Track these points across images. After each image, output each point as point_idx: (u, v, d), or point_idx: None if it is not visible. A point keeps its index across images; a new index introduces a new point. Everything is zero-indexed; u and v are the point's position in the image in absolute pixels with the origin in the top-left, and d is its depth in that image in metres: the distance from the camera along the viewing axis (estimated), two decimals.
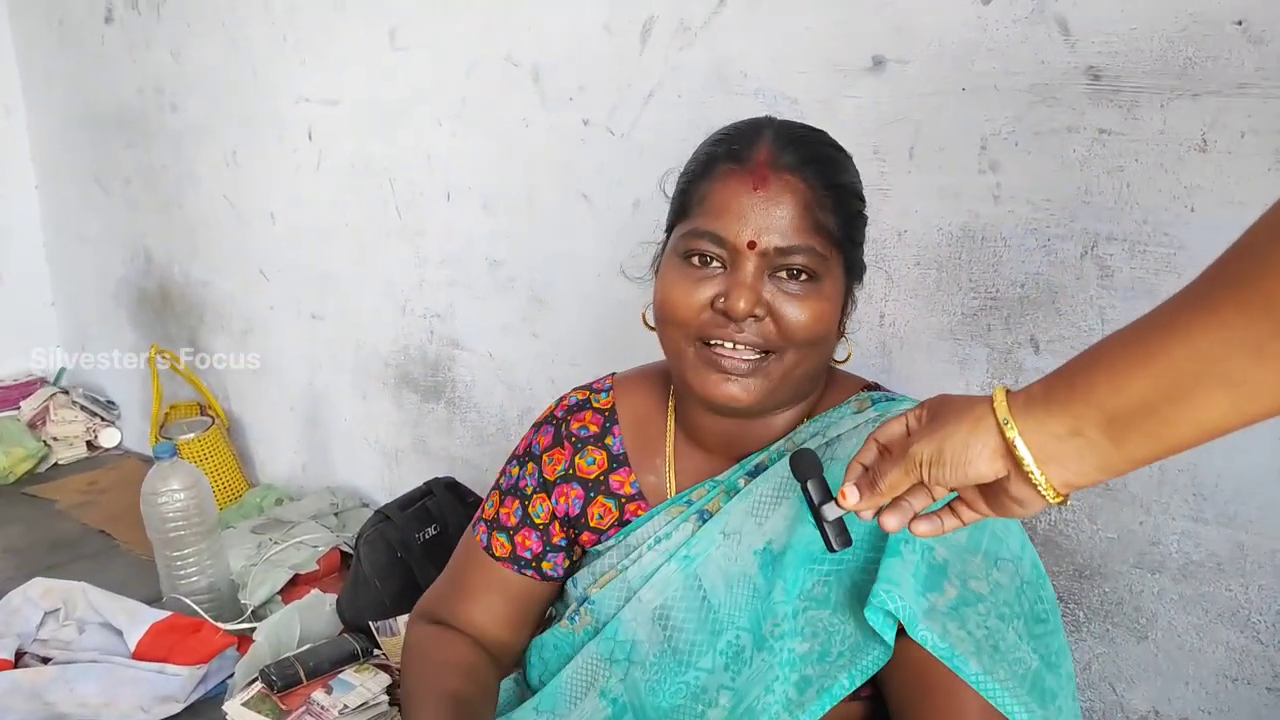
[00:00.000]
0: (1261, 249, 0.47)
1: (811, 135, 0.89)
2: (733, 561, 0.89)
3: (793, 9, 1.25)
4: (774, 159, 0.83)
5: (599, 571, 0.98)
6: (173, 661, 1.49)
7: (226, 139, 2.28)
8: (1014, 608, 0.78)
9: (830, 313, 0.85)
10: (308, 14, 1.96)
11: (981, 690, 0.74)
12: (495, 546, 1.04)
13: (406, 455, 2.07)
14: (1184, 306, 0.50)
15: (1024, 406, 0.57)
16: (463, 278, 1.82)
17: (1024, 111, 1.08)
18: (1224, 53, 0.95)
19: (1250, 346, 0.47)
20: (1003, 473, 0.59)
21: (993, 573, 0.79)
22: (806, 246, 0.82)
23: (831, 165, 0.87)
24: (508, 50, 1.61)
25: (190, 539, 1.65)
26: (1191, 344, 0.49)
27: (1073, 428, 0.55)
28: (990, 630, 0.76)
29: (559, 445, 1.03)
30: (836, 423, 0.91)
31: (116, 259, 2.80)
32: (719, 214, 0.83)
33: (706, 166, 0.87)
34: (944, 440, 0.60)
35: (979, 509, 0.64)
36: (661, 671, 0.90)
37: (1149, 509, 1.07)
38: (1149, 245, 1.03)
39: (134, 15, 2.44)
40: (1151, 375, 0.51)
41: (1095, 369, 0.54)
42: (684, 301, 0.85)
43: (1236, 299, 0.47)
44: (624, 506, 0.99)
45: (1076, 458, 0.55)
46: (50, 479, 2.58)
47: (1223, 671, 1.06)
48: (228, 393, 2.55)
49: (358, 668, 1.39)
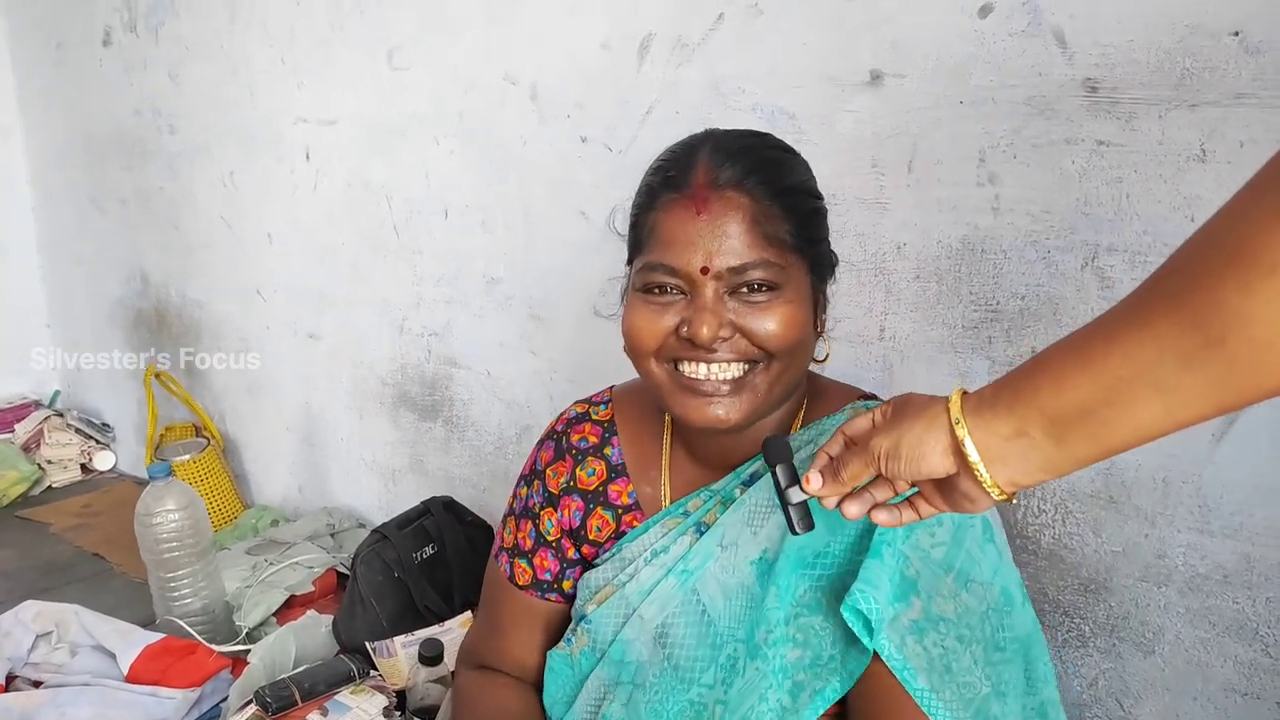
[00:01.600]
0: (1192, 265, 0.50)
1: (750, 143, 0.86)
2: (730, 573, 0.88)
3: (790, 25, 1.25)
4: (712, 179, 0.81)
5: (596, 587, 0.97)
6: (166, 684, 1.47)
7: (224, 160, 2.29)
8: (975, 632, 0.78)
9: (800, 315, 0.83)
10: (306, 35, 1.97)
11: (925, 707, 0.74)
12: (518, 575, 1.05)
13: (404, 475, 2.05)
14: (1122, 317, 0.54)
15: (975, 407, 0.61)
16: (460, 296, 1.82)
17: (1022, 124, 1.08)
18: (1221, 63, 0.95)
19: (1180, 356, 0.50)
20: (953, 469, 0.62)
21: (961, 594, 0.79)
22: (760, 260, 0.81)
23: (775, 169, 0.84)
24: (505, 69, 1.62)
25: (185, 560, 1.63)
26: (1127, 352, 0.52)
27: (1018, 429, 0.58)
28: (946, 650, 0.76)
29: (561, 459, 1.03)
30: (830, 430, 0.91)
31: (113, 280, 2.79)
32: (668, 245, 0.82)
33: (650, 198, 0.86)
34: (901, 435, 0.64)
35: (935, 504, 0.68)
36: (663, 691, 0.88)
37: (1154, 521, 1.06)
38: (1149, 256, 1.02)
39: (132, 38, 2.45)
40: (1091, 380, 0.54)
41: (1040, 373, 0.58)
42: (649, 330, 0.84)
43: (1168, 311, 0.50)
44: (620, 518, 0.98)
45: (1021, 457, 0.59)
46: (44, 502, 2.56)
47: (1231, 686, 1.04)
48: (224, 414, 2.54)
49: (354, 689, 1.37)
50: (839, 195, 1.23)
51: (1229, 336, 0.48)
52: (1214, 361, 0.49)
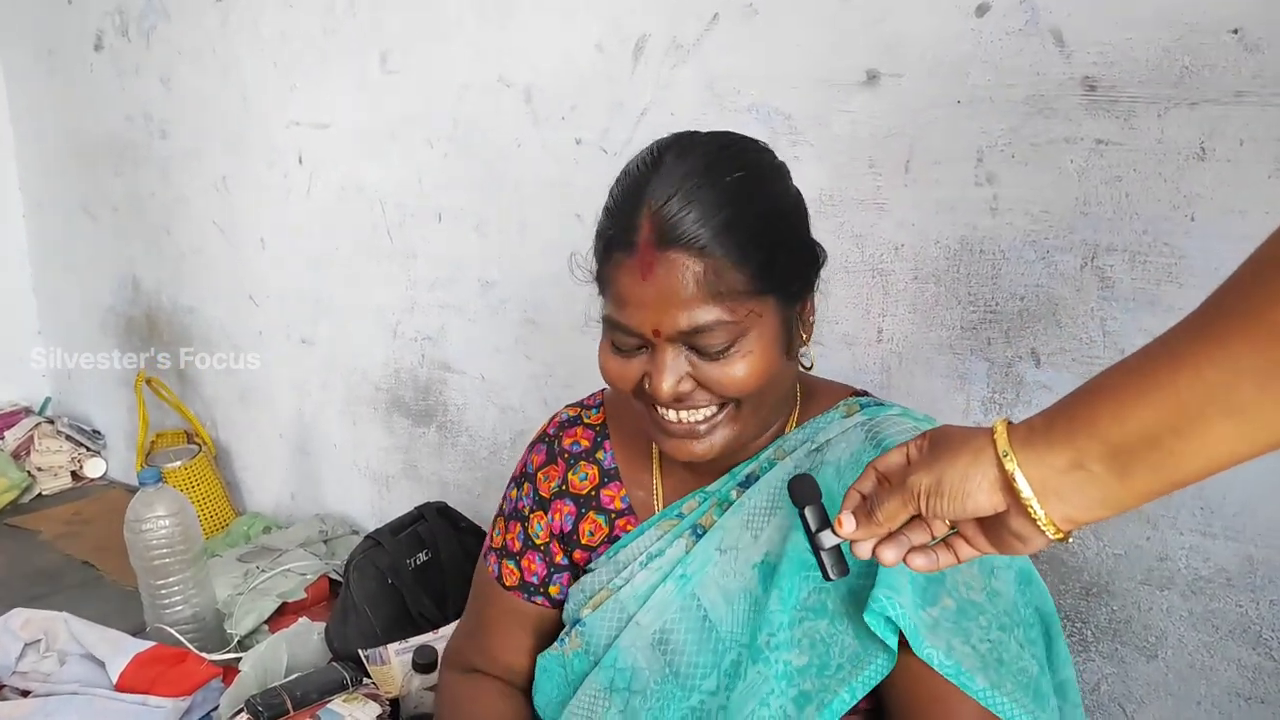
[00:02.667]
0: (1266, 276, 0.47)
1: (702, 180, 0.77)
2: (731, 577, 0.86)
3: (785, 24, 1.25)
4: (658, 237, 0.75)
5: (590, 591, 0.96)
6: (156, 693, 1.44)
7: (216, 165, 2.27)
8: (1014, 615, 0.78)
9: (764, 359, 0.79)
10: (298, 39, 1.96)
11: (990, 706, 0.72)
12: (505, 575, 1.04)
13: (397, 481, 2.04)
14: (1187, 335, 0.50)
15: (1024, 439, 0.56)
16: (454, 300, 1.80)
17: (1020, 123, 1.07)
18: (1221, 61, 0.95)
19: (1258, 375, 0.46)
20: (1002, 506, 0.57)
21: (991, 581, 0.78)
22: (712, 322, 0.76)
23: (728, 209, 0.76)
24: (499, 71, 1.61)
25: (175, 567, 1.61)
26: (1197, 373, 0.48)
27: (1074, 460, 0.53)
28: (994, 643, 0.75)
29: (552, 462, 1.02)
30: (825, 428, 0.90)
31: (104, 287, 2.77)
32: (622, 305, 0.79)
33: (604, 251, 0.82)
34: (943, 471, 0.59)
35: (978, 545, 0.62)
36: (664, 698, 0.87)
37: (1156, 524, 1.05)
38: (1149, 255, 1.02)
39: (124, 43, 2.43)
40: (1156, 406, 0.50)
41: (1097, 400, 0.53)
42: (620, 377, 0.84)
43: (1243, 327, 0.47)
44: (614, 522, 0.97)
45: (1078, 491, 0.54)
46: (34, 510, 2.53)
47: (1235, 690, 1.03)
48: (215, 420, 2.52)
49: (346, 697, 1.35)
50: (836, 196, 1.23)
51: None
52: None
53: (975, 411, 1.17)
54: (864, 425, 0.87)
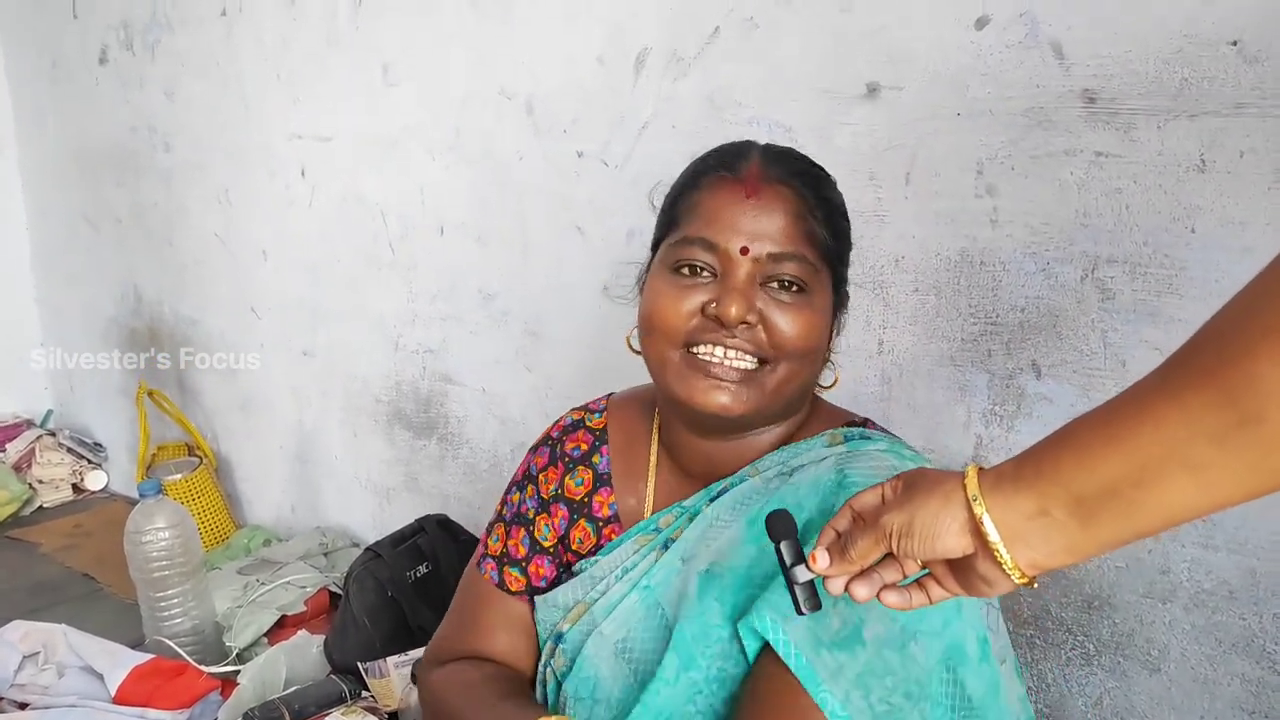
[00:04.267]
0: (1225, 336, 0.47)
1: (799, 154, 0.89)
2: (686, 583, 0.86)
3: (786, 38, 1.25)
4: (764, 170, 0.83)
5: (566, 606, 0.95)
6: (154, 706, 1.44)
7: (219, 177, 2.28)
8: (925, 688, 0.73)
9: (821, 325, 0.84)
10: (300, 51, 1.97)
11: None
12: (509, 582, 1.00)
13: (398, 493, 2.03)
14: (1151, 391, 0.51)
15: (993, 484, 0.57)
16: (455, 312, 1.80)
17: (1020, 135, 1.08)
18: (1220, 73, 0.95)
19: (1214, 435, 0.47)
20: (970, 549, 0.58)
21: (910, 645, 0.74)
22: (799, 254, 0.82)
23: (820, 181, 0.87)
24: (501, 83, 1.61)
25: (174, 579, 1.61)
26: (1157, 429, 0.49)
27: (1040, 507, 0.54)
28: (892, 707, 0.72)
29: (553, 465, 1.01)
30: (803, 453, 0.88)
31: (106, 298, 2.78)
32: (711, 221, 0.83)
33: (696, 178, 0.87)
34: (915, 512, 0.60)
35: (948, 586, 0.63)
36: (627, 706, 0.85)
37: (1158, 537, 1.05)
38: (1149, 267, 1.01)
39: (128, 55, 2.45)
40: (1119, 458, 0.51)
41: (1064, 449, 0.54)
42: (672, 309, 0.83)
43: (1200, 387, 0.47)
44: (601, 530, 0.97)
45: (1043, 538, 0.55)
46: (35, 522, 2.53)
47: (1239, 704, 1.02)
48: (216, 433, 2.52)
49: (345, 710, 1.35)
50: None
51: (1266, 415, 0.44)
52: (1251, 443, 0.45)
53: (976, 424, 1.17)
54: (839, 457, 0.86)
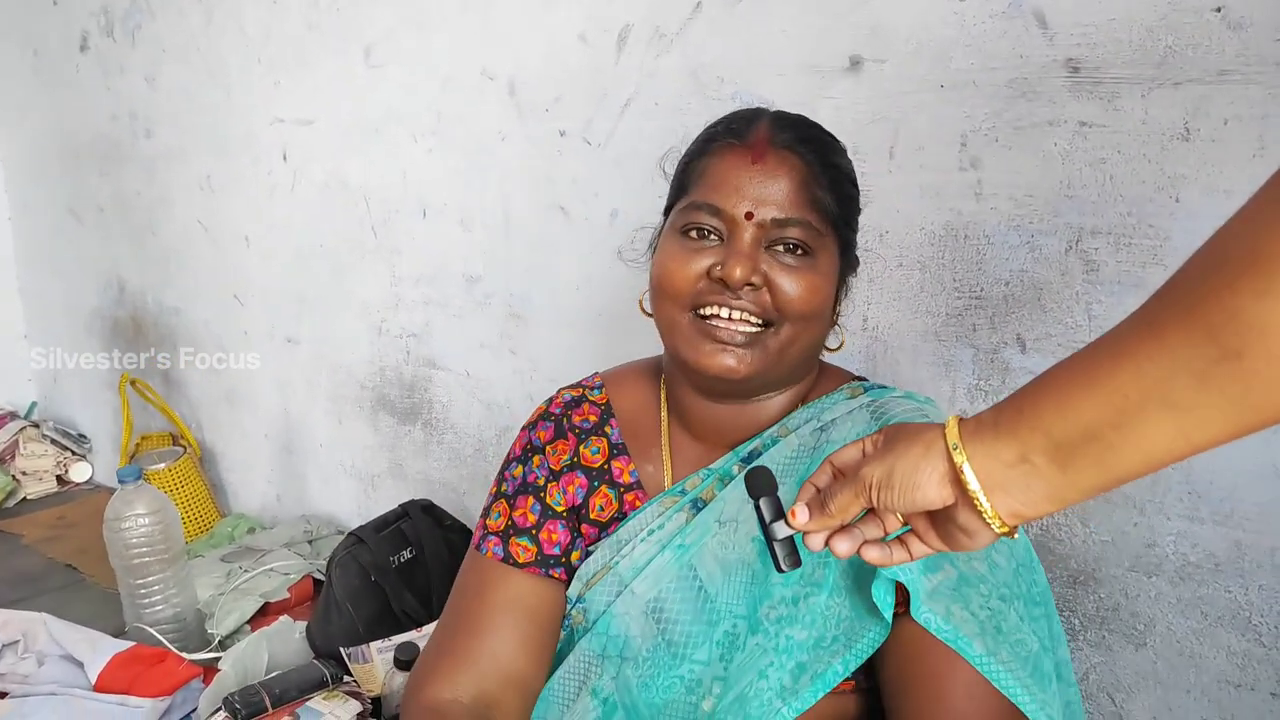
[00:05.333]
0: (1205, 272, 0.47)
1: (808, 121, 0.90)
2: (729, 549, 0.86)
3: (768, 12, 1.24)
4: (772, 136, 0.85)
5: (589, 574, 0.93)
6: (135, 693, 1.42)
7: (201, 163, 2.26)
8: (1013, 589, 0.77)
9: (825, 289, 0.85)
10: (281, 35, 1.95)
11: (985, 672, 0.72)
12: (517, 554, 0.95)
13: (383, 480, 2.02)
14: (1130, 331, 0.50)
15: (973, 432, 0.56)
16: (439, 296, 1.79)
17: (1003, 107, 1.06)
18: (1204, 40, 0.94)
19: (1194, 372, 0.46)
20: (950, 499, 0.58)
21: (991, 553, 0.78)
22: (802, 219, 0.83)
23: (828, 148, 0.88)
24: (483, 64, 1.60)
25: (155, 566, 1.59)
26: (1137, 369, 0.48)
27: (1020, 454, 0.54)
28: (993, 611, 0.75)
29: (562, 437, 0.99)
30: (831, 407, 0.91)
31: (90, 289, 2.75)
32: (717, 187, 0.84)
33: (705, 144, 0.89)
34: (894, 463, 0.59)
35: (929, 541, 0.63)
36: (655, 666, 0.86)
37: (1143, 509, 1.04)
38: (1134, 238, 1.00)
39: (109, 42, 2.42)
40: (1098, 400, 0.50)
41: (1043, 395, 0.53)
42: (680, 272, 0.85)
43: (1180, 324, 0.47)
44: (623, 496, 0.96)
45: (1023, 486, 0.54)
46: (18, 514, 2.51)
47: (1225, 678, 1.02)
48: (200, 422, 2.50)
49: (326, 695, 1.33)
50: None
51: (1247, 350, 0.44)
52: (1231, 377, 0.45)
53: (961, 399, 1.16)
54: (868, 406, 0.89)
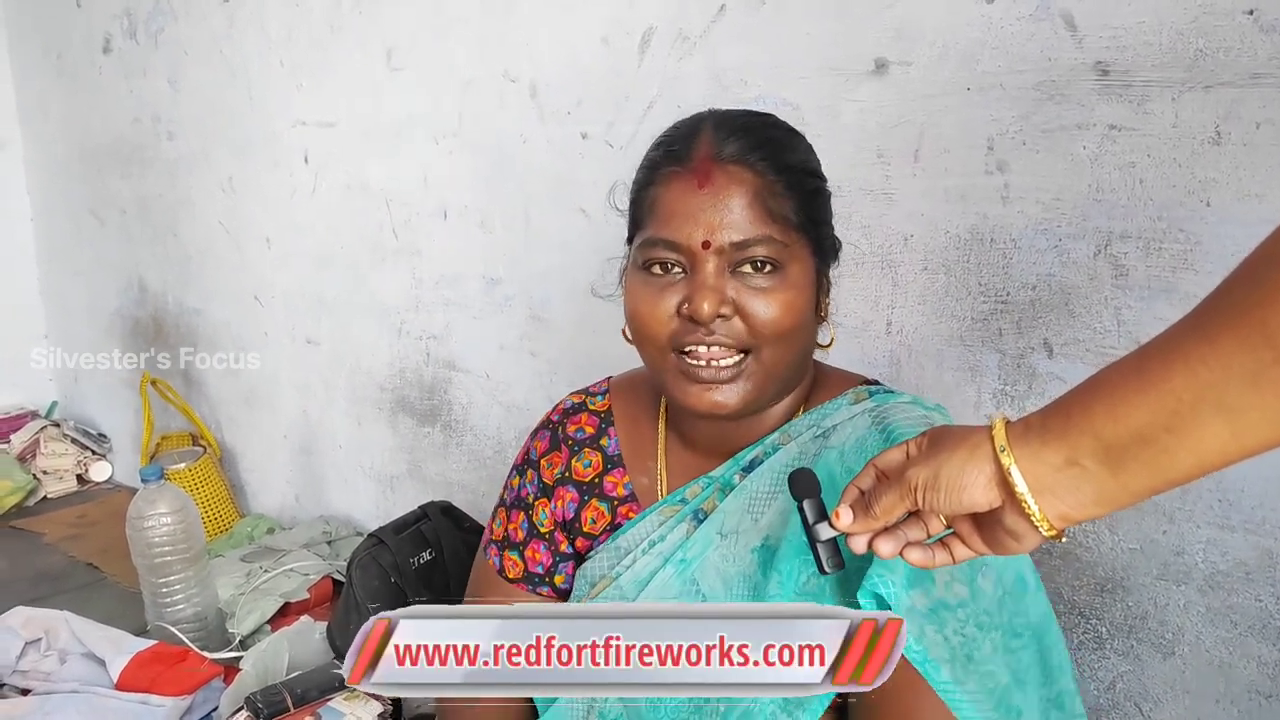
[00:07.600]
0: (1259, 274, 0.47)
1: (753, 121, 0.85)
2: (730, 562, 0.85)
3: (792, 14, 1.23)
4: (715, 152, 0.80)
5: (593, 579, 0.94)
6: (156, 692, 1.43)
7: (223, 165, 2.27)
8: (993, 617, 0.75)
9: (800, 301, 0.81)
10: (304, 37, 1.96)
11: (947, 700, 0.71)
12: (508, 567, 1.01)
13: (402, 481, 2.02)
14: (1183, 334, 0.50)
15: (1021, 435, 0.56)
16: (459, 298, 1.79)
17: (1031, 110, 1.06)
18: (1236, 43, 0.93)
19: (1248, 374, 0.46)
20: (997, 502, 0.57)
21: (977, 578, 0.76)
22: (763, 236, 0.79)
23: (778, 147, 0.82)
24: (505, 66, 1.60)
25: (177, 565, 1.60)
26: (1190, 372, 0.48)
27: (1069, 457, 0.54)
28: (966, 638, 0.73)
29: (555, 449, 1.00)
30: (832, 414, 0.88)
31: (111, 290, 2.77)
32: (669, 219, 0.80)
33: (650, 173, 0.84)
34: (940, 465, 0.59)
35: (973, 545, 0.62)
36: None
37: (1172, 517, 1.03)
38: (1164, 242, 1.00)
39: (132, 45, 2.44)
40: (1150, 403, 0.50)
41: (1093, 397, 0.53)
42: (650, 314, 0.82)
43: (1234, 326, 0.47)
44: (616, 509, 0.95)
45: (1072, 489, 0.54)
46: (39, 513, 2.53)
47: (1255, 688, 1.01)
48: (220, 423, 2.51)
49: (347, 696, 1.33)
50: (844, 187, 1.21)
51: None
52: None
53: (987, 404, 1.15)
54: (871, 412, 0.87)
